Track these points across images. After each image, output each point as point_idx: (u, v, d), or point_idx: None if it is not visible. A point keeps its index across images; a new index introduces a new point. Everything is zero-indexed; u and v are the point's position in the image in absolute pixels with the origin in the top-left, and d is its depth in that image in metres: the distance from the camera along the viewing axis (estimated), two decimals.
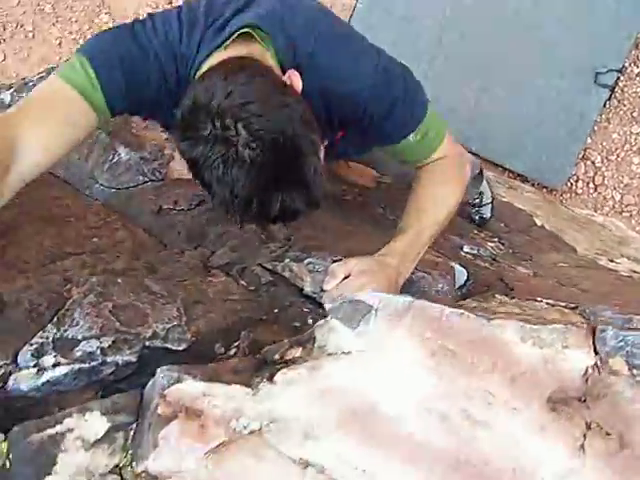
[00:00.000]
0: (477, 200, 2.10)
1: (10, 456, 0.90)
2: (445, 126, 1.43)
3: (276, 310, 1.17)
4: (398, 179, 1.86)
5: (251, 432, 0.91)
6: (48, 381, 0.99)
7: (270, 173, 1.00)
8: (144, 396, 0.95)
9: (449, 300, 1.33)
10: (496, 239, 1.93)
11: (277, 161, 1.00)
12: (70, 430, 0.92)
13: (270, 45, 1.20)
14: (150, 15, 1.27)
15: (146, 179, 1.38)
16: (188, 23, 1.22)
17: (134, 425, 0.95)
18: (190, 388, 0.91)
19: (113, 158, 1.38)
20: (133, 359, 1.01)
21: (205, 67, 1.16)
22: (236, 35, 1.17)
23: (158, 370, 0.92)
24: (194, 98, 1.05)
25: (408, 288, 1.31)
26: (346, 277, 1.21)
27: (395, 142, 1.36)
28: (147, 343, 1.02)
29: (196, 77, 1.15)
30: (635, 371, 0.86)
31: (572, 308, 1.13)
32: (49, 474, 0.89)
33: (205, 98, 1.02)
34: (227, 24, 1.20)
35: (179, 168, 1.39)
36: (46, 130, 1.11)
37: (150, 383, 0.94)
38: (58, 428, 0.92)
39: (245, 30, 1.18)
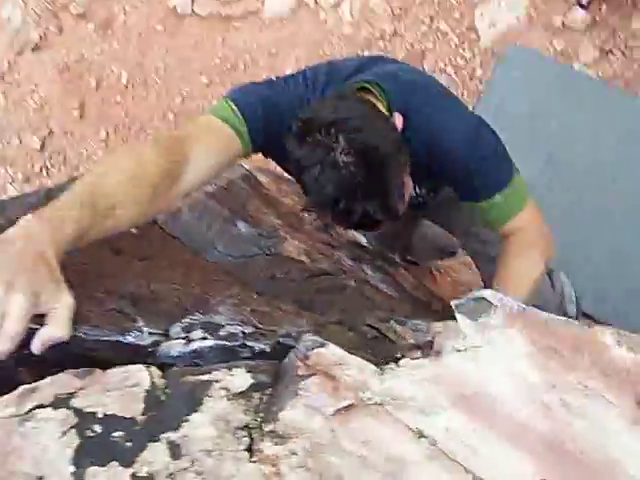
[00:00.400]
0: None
1: (166, 390, 1.03)
2: (528, 195, 1.61)
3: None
4: None
5: (375, 403, 1.05)
6: (195, 351, 1.14)
7: (358, 180, 1.23)
8: (285, 363, 1.10)
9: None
10: None
11: (366, 171, 1.23)
12: (217, 380, 1.06)
13: (383, 98, 1.49)
14: (278, 77, 1.60)
15: (260, 252, 1.60)
16: (313, 79, 1.54)
17: (270, 390, 1.08)
18: (330, 354, 1.07)
19: (232, 231, 1.62)
20: (267, 349, 1.16)
21: None
22: (355, 88, 1.48)
23: (303, 337, 1.08)
24: (311, 110, 1.33)
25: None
26: None
27: (480, 199, 1.56)
28: (280, 340, 1.18)
29: None
30: None
31: None
32: (195, 412, 1.01)
33: (318, 110, 1.30)
34: (348, 79, 1.52)
35: (291, 249, 1.63)
36: (206, 152, 1.35)
37: (291, 352, 1.10)
38: (207, 376, 1.07)
39: (363, 85, 1.49)
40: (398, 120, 1.43)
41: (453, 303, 1.09)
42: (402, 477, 0.93)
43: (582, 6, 3.69)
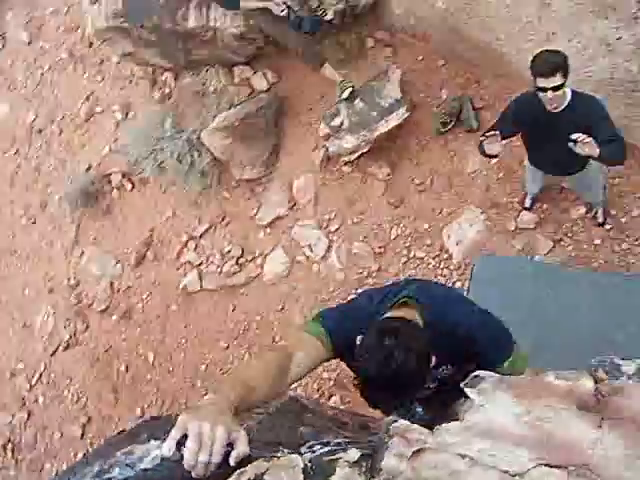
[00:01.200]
0: None
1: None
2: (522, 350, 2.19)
3: None
4: None
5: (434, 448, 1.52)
6: None
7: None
8: (378, 437, 1.57)
9: None
10: None
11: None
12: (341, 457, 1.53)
13: (418, 308, 2.11)
14: (350, 300, 2.28)
15: None
16: (372, 299, 2.21)
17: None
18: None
19: None
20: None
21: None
22: (400, 301, 2.12)
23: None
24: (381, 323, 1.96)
25: None
26: None
27: (491, 367, 2.01)
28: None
29: None
30: None
31: None
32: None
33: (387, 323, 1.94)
34: (396, 295, 2.14)
35: None
36: (305, 356, 1.98)
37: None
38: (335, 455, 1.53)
39: (404, 300, 2.12)
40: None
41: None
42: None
43: (527, 209, 4.58)
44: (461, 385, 1.65)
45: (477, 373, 1.64)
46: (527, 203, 4.61)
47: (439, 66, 5.34)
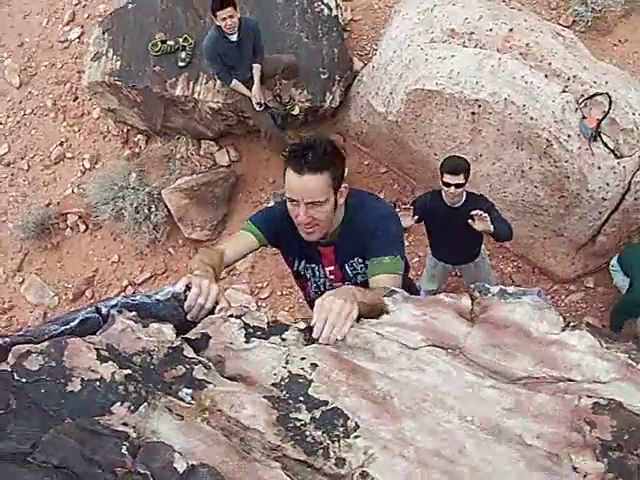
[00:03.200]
0: None
1: None
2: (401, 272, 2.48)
3: None
4: None
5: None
6: None
7: None
8: None
9: None
10: None
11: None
12: None
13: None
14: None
15: None
16: None
17: None
18: None
19: None
20: None
21: None
22: None
23: None
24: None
25: None
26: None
27: (375, 256, 2.45)
28: None
29: None
30: None
31: None
32: None
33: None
34: None
35: None
36: (234, 245, 2.58)
37: None
38: None
39: None
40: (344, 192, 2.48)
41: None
42: None
43: None
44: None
45: (393, 288, 2.11)
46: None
47: (381, 172, 6.26)
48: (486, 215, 3.80)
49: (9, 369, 1.60)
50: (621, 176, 4.72)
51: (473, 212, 3.83)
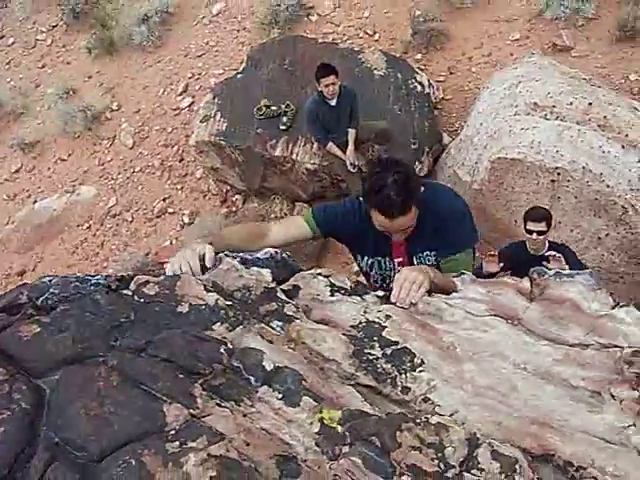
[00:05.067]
0: None
1: None
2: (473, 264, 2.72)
3: None
4: None
5: None
6: None
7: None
8: None
9: None
10: None
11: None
12: None
13: None
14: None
15: None
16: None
17: None
18: None
19: None
20: None
21: None
22: None
23: None
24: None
25: None
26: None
27: (449, 253, 2.65)
28: None
29: None
30: None
31: None
32: None
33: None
34: None
35: None
36: (279, 229, 2.66)
37: None
38: None
39: None
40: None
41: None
42: None
43: None
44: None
45: (462, 271, 2.44)
46: None
47: None
48: (560, 255, 4.19)
49: (130, 293, 2.01)
50: None
51: (547, 253, 4.22)
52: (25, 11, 10.50)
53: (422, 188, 2.58)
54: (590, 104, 5.40)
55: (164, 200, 7.87)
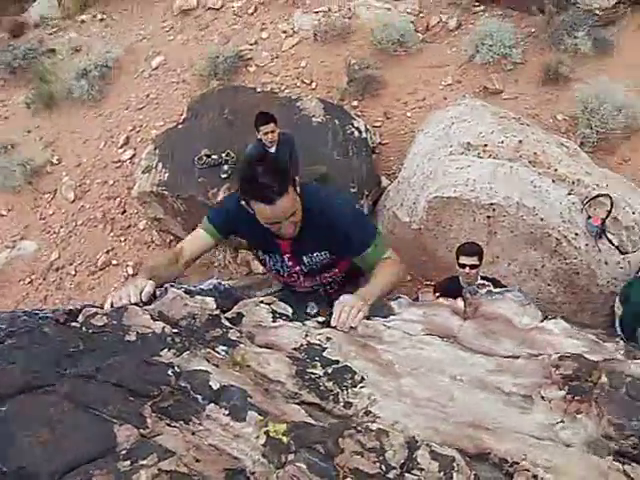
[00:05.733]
0: None
1: None
2: (388, 241, 2.79)
3: None
4: None
5: None
6: None
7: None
8: None
9: None
10: None
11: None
12: None
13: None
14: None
15: None
16: None
17: None
18: None
19: None
20: None
21: None
22: None
23: None
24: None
25: None
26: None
27: (362, 250, 2.66)
28: None
29: None
30: None
31: None
32: None
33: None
34: None
35: None
36: (187, 246, 2.70)
37: None
38: None
39: None
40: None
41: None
42: None
43: None
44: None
45: (397, 295, 2.60)
46: None
47: (406, 281, 6.84)
48: (489, 284, 4.36)
49: (79, 325, 2.10)
50: (627, 270, 5.28)
51: (478, 282, 4.40)
52: None
53: (299, 188, 2.60)
54: (520, 142, 5.67)
55: (107, 252, 7.86)
